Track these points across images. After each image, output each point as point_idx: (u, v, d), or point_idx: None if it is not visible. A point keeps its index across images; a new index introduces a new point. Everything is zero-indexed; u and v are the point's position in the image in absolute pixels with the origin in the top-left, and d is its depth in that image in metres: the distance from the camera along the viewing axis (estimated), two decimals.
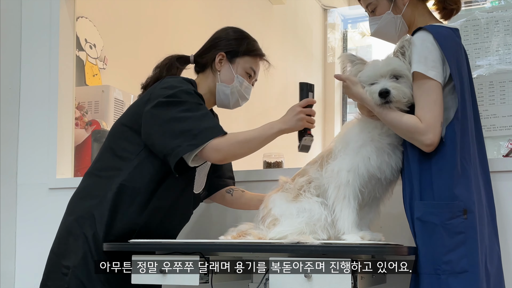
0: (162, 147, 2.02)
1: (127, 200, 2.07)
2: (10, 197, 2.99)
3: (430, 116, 1.76)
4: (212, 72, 2.25)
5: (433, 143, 1.77)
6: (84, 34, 3.74)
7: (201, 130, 2.00)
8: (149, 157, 2.08)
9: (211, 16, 4.94)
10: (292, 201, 1.94)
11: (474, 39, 2.96)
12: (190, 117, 2.01)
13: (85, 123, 3.50)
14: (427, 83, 1.78)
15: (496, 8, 3.00)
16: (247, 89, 2.25)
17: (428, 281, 1.75)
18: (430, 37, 1.81)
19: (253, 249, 1.86)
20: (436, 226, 1.75)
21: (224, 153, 2.01)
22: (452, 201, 1.75)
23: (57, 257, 2.14)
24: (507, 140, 2.64)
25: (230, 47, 2.24)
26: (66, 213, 2.21)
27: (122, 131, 2.15)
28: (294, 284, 1.74)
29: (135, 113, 2.12)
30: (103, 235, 2.05)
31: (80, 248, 2.06)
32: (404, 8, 1.95)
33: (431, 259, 1.76)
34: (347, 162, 1.89)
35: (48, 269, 2.17)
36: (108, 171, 2.12)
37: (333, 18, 7.02)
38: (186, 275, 1.92)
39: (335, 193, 1.88)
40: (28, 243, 2.94)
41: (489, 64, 2.91)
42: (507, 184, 2.10)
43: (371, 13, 2.01)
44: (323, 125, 6.82)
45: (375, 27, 2.01)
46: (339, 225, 1.87)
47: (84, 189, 2.18)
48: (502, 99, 2.87)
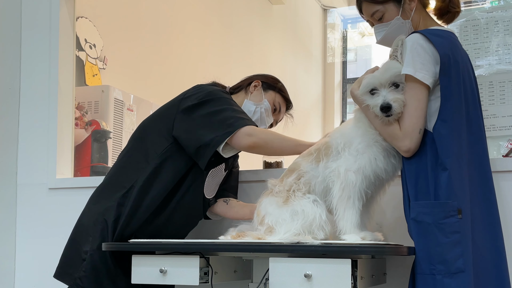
0: (198, 139, 2.10)
1: (149, 195, 2.14)
2: (10, 197, 2.99)
3: (408, 123, 1.79)
4: (245, 93, 2.40)
5: (409, 150, 1.80)
6: (84, 34, 3.75)
7: (237, 118, 2.10)
8: (176, 153, 2.16)
9: (211, 16, 4.94)
10: (283, 206, 1.92)
11: (473, 39, 2.96)
12: (226, 109, 2.13)
13: (85, 123, 3.50)
14: (414, 88, 1.79)
15: (495, 8, 3.01)
16: (268, 118, 2.39)
17: (424, 281, 1.76)
18: (421, 39, 1.81)
19: (253, 249, 1.86)
20: (430, 225, 1.76)
21: (256, 139, 2.08)
22: (446, 201, 1.75)
23: (77, 243, 2.18)
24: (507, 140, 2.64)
25: (267, 80, 2.43)
26: (90, 202, 2.26)
27: (154, 126, 2.24)
28: (294, 284, 1.74)
29: (168, 109, 2.22)
30: (124, 223, 2.11)
31: (99, 233, 2.12)
32: (412, 13, 1.95)
33: (427, 260, 1.76)
34: (353, 163, 1.88)
35: (68, 257, 2.21)
36: (135, 164, 2.20)
37: (332, 18, 7.03)
38: (186, 275, 1.92)
39: (340, 193, 1.87)
40: (28, 243, 2.94)
41: (489, 64, 2.91)
42: (507, 184, 2.10)
43: (378, 21, 1.99)
44: (323, 125, 6.83)
45: (382, 34, 1.99)
46: (340, 225, 1.87)
47: (111, 180, 2.25)
48: (501, 99, 2.87)
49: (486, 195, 1.88)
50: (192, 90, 2.23)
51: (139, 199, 2.14)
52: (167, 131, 2.18)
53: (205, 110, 2.13)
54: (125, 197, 2.15)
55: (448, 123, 1.79)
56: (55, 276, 2.22)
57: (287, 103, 2.45)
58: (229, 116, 2.11)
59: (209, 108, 2.13)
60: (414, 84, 1.80)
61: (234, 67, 5.06)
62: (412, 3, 1.96)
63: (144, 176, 2.15)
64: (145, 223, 2.15)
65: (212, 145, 2.09)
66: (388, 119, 1.80)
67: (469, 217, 1.78)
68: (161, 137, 2.19)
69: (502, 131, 2.86)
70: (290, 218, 1.89)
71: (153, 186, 2.15)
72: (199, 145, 2.10)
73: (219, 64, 4.89)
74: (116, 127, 3.57)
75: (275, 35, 5.90)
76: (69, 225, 2.27)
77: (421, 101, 1.79)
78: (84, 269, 2.11)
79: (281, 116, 2.45)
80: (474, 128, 1.87)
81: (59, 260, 2.23)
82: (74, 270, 2.15)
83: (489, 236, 1.86)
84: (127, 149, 2.29)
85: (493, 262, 1.85)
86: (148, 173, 2.16)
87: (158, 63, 4.30)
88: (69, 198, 2.80)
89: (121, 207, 2.14)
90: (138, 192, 2.14)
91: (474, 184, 1.84)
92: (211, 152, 2.10)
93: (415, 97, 1.79)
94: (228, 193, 2.43)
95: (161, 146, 2.17)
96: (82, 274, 2.11)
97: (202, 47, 4.74)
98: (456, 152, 1.79)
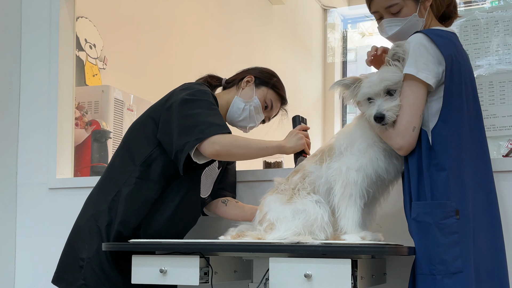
0: (174, 144, 2.08)
1: (139, 199, 2.13)
2: (10, 197, 2.99)
3: (401, 121, 1.80)
4: (236, 89, 2.38)
5: (402, 148, 1.81)
6: (84, 34, 3.75)
7: (209, 125, 2.07)
8: (161, 156, 2.15)
9: (211, 16, 4.94)
10: (286, 203, 1.93)
11: (474, 39, 2.96)
12: (201, 113, 2.09)
13: (85, 123, 3.50)
14: (412, 86, 1.80)
15: (495, 8, 3.01)
16: (258, 115, 2.35)
17: (424, 281, 1.76)
18: (424, 39, 1.81)
19: (253, 249, 1.86)
20: (431, 225, 1.76)
21: (218, 148, 2.05)
22: (445, 201, 1.76)
23: (74, 249, 2.19)
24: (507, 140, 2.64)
25: (261, 75, 2.38)
26: (84, 205, 2.27)
27: (139, 129, 2.23)
28: (294, 284, 1.74)
29: (154, 110, 2.21)
30: (117, 229, 2.11)
31: (95, 241, 2.12)
32: (426, 12, 1.95)
33: (427, 260, 1.76)
34: (354, 162, 1.89)
35: (65, 262, 2.22)
36: (123, 167, 2.19)
37: (333, 18, 7.02)
38: (186, 275, 1.92)
39: (341, 191, 1.88)
40: (28, 243, 2.94)
41: (489, 64, 2.91)
42: (507, 184, 2.10)
43: (392, 14, 1.96)
44: (323, 125, 6.83)
45: (395, 29, 1.96)
46: (342, 223, 1.87)
47: (101, 185, 2.25)
48: (501, 99, 2.87)
49: (487, 195, 1.88)
50: (176, 91, 2.20)
51: (127, 203, 2.13)
52: (152, 133, 2.17)
53: (183, 112, 2.10)
54: (114, 201, 2.15)
55: (449, 124, 1.79)
56: (53, 282, 2.23)
57: (282, 99, 2.40)
58: (203, 122, 2.07)
59: (187, 111, 2.10)
60: (413, 82, 1.80)
61: (234, 67, 5.06)
62: (426, 2, 1.94)
63: (131, 179, 2.14)
64: (143, 226, 2.15)
65: (184, 150, 2.06)
66: (384, 127, 1.82)
67: (469, 218, 1.78)
68: (147, 140, 2.18)
69: (502, 131, 2.86)
70: (292, 216, 1.89)
71: (142, 190, 2.14)
72: (176, 150, 2.08)
73: (219, 64, 4.89)
74: (116, 127, 3.57)
75: (275, 35, 5.90)
76: (69, 225, 2.27)
77: (418, 100, 1.80)
78: (83, 277, 2.12)
79: (273, 113, 2.40)
80: (475, 129, 1.87)
81: (57, 265, 2.24)
82: (71, 276, 2.16)
83: (490, 236, 1.86)
84: (117, 150, 2.29)
85: (494, 262, 1.85)
86: (135, 176, 2.14)
87: (158, 63, 4.30)
88: (69, 198, 2.80)
89: (111, 211, 2.14)
90: (126, 196, 2.13)
91: (475, 184, 1.84)
92: (184, 157, 2.06)
93: (411, 96, 1.80)
94: (226, 192, 2.42)
95: (148, 149, 2.16)
96: (81, 282, 2.12)
97: (202, 47, 4.74)
98: (456, 153, 1.79)
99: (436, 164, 1.78)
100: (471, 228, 1.78)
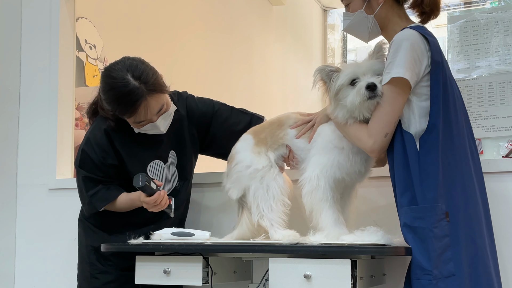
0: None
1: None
2: (10, 197, 2.99)
3: (374, 125, 1.81)
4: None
5: (373, 151, 1.83)
6: (84, 35, 3.75)
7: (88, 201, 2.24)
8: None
9: (211, 16, 4.94)
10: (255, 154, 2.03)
11: (473, 40, 2.96)
12: (83, 187, 2.25)
13: (85, 123, 3.50)
14: (391, 91, 1.79)
15: (495, 9, 3.01)
16: (153, 130, 2.27)
17: (420, 286, 1.75)
18: (415, 35, 1.79)
19: (253, 249, 1.86)
20: (424, 230, 1.75)
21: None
22: (435, 204, 1.75)
23: (84, 272, 2.32)
24: (507, 141, 2.65)
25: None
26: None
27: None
28: (294, 284, 1.74)
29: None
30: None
31: (94, 269, 2.27)
32: (377, 8, 1.91)
33: (421, 264, 1.75)
34: (315, 168, 1.93)
35: (80, 276, 2.35)
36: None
37: (333, 19, 7.02)
38: (189, 276, 1.93)
39: (309, 198, 1.92)
40: (28, 243, 2.94)
41: (489, 65, 2.91)
42: (507, 184, 2.10)
43: (346, 7, 1.99)
44: None
45: (347, 23, 1.99)
46: (321, 225, 1.89)
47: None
48: (501, 100, 2.88)
49: (482, 195, 1.87)
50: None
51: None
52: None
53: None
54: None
55: (437, 126, 1.78)
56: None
57: (130, 114, 2.25)
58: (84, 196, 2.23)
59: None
60: (392, 87, 1.78)
61: (234, 67, 5.07)
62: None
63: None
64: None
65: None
66: (369, 104, 1.81)
67: (460, 220, 1.77)
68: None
69: (502, 131, 2.86)
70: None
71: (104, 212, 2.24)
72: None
73: (219, 65, 4.90)
74: None
75: (275, 36, 5.90)
76: (69, 225, 2.28)
77: (395, 107, 1.79)
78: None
79: (149, 115, 2.24)
80: (462, 130, 1.85)
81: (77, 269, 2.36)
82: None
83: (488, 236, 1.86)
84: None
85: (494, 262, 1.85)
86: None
87: (158, 64, 4.28)
88: (69, 199, 2.80)
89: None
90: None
91: (471, 186, 1.83)
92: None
93: (389, 102, 1.79)
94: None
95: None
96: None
97: (202, 48, 4.74)
98: (445, 155, 1.78)
99: (424, 168, 1.77)
100: (462, 230, 1.77)
